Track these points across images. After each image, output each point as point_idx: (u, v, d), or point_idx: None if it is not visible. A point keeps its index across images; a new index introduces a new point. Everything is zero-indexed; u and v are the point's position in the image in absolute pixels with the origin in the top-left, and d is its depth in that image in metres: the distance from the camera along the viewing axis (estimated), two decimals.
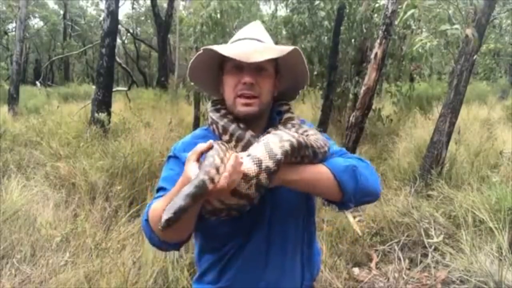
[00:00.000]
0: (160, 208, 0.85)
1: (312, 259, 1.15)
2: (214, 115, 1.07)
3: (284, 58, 1.02)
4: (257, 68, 1.02)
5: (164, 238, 0.93)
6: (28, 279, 2.39)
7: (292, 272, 1.07)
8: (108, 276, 2.25)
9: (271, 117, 1.12)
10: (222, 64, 1.08)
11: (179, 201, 0.72)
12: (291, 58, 1.05)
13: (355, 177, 0.95)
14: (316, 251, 1.19)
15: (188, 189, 0.73)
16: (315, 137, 0.98)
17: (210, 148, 0.82)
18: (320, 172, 0.93)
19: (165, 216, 0.71)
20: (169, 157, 1.09)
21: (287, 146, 0.82)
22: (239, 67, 1.02)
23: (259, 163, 0.80)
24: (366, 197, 1.01)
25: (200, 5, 6.88)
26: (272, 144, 0.83)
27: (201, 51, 1.02)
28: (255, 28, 1.13)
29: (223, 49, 0.99)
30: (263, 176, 0.80)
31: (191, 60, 1.06)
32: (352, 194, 0.95)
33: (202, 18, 6.56)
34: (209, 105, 1.13)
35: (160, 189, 1.02)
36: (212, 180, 0.74)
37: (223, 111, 1.07)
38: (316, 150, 0.92)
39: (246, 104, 1.01)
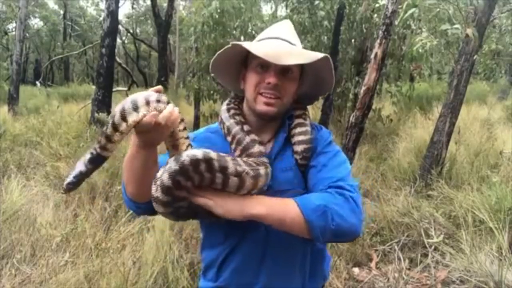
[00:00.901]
0: (124, 167, 0.91)
1: (316, 273, 1.12)
2: (223, 115, 1.08)
3: (312, 63, 1.00)
4: (283, 70, 1.00)
5: (130, 196, 0.94)
6: (28, 279, 2.39)
7: (290, 280, 1.05)
8: (108, 276, 2.25)
9: (283, 122, 1.09)
10: (246, 59, 1.06)
11: (79, 166, 0.79)
12: (318, 65, 1.02)
13: (325, 218, 0.86)
14: (326, 262, 1.17)
15: (85, 156, 0.81)
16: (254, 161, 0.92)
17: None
18: (288, 208, 0.88)
19: (66, 181, 0.78)
20: None
21: (198, 154, 0.82)
22: (265, 66, 1.00)
23: (165, 165, 0.82)
24: (339, 237, 0.91)
25: (201, 4, 6.88)
26: (183, 153, 0.83)
27: (230, 45, 1.01)
28: (286, 28, 1.09)
29: (253, 47, 0.98)
30: (165, 176, 0.80)
31: (217, 53, 1.05)
32: (321, 235, 0.87)
33: (203, 17, 6.57)
34: (224, 103, 1.13)
35: None
36: (103, 147, 0.80)
37: (232, 111, 1.08)
38: (249, 171, 0.87)
39: (267, 104, 1.01)
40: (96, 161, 0.81)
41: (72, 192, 0.79)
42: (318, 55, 0.99)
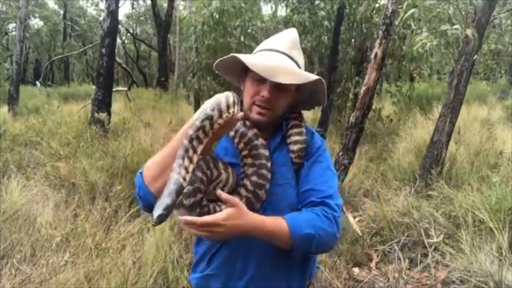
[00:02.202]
0: (153, 160, 1.01)
1: (306, 268, 1.16)
2: None
3: (308, 84, 1.07)
4: (277, 85, 1.05)
5: (152, 189, 0.98)
6: (28, 279, 2.39)
7: (278, 273, 1.09)
8: (108, 276, 2.25)
9: (280, 122, 1.16)
10: (247, 67, 1.10)
11: (165, 200, 0.81)
12: (312, 85, 1.09)
13: (309, 245, 1.00)
14: (314, 260, 1.21)
15: (169, 187, 0.83)
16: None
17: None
18: (280, 232, 0.98)
19: (156, 213, 0.79)
20: None
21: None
22: (262, 79, 1.05)
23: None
24: (314, 253, 1.14)
25: (202, 4, 6.88)
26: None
27: (230, 56, 1.07)
28: (288, 40, 1.12)
29: (250, 60, 1.03)
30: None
31: (218, 60, 1.11)
32: (301, 254, 1.07)
33: (204, 17, 6.57)
34: None
35: None
36: (183, 178, 0.85)
37: None
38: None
39: (259, 114, 1.08)
40: (180, 192, 0.85)
41: (163, 223, 0.85)
42: (311, 77, 1.05)
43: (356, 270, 2.81)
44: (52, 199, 3.40)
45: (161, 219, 0.80)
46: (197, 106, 7.52)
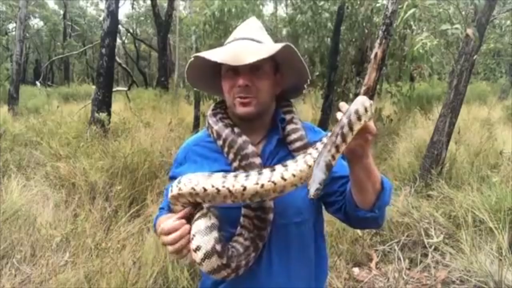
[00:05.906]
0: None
1: (321, 274, 1.11)
2: (210, 119, 1.07)
3: (281, 55, 0.99)
4: (252, 69, 0.99)
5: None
6: (28, 279, 2.39)
7: (293, 281, 1.03)
8: (108, 276, 2.25)
9: (274, 122, 1.08)
10: (220, 67, 1.05)
11: (320, 175, 0.82)
12: (287, 55, 1.01)
13: (389, 195, 0.98)
14: (324, 260, 1.15)
15: (320, 164, 0.83)
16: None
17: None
18: (377, 171, 0.97)
19: (313, 188, 0.79)
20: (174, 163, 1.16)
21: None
22: (234, 69, 1.00)
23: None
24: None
25: (203, 4, 6.88)
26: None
27: (192, 58, 1.02)
28: (251, 26, 1.09)
29: (213, 55, 0.98)
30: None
31: (186, 67, 1.05)
32: (378, 208, 0.95)
33: (205, 16, 6.56)
34: (210, 108, 1.12)
35: (162, 208, 1.16)
36: (333, 157, 0.85)
37: (219, 115, 1.07)
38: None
39: (244, 104, 1.00)
40: (330, 168, 0.84)
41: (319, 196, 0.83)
42: (277, 47, 0.96)
43: (356, 270, 2.81)
44: (52, 199, 3.41)
45: (319, 192, 0.81)
46: (197, 106, 7.51)
